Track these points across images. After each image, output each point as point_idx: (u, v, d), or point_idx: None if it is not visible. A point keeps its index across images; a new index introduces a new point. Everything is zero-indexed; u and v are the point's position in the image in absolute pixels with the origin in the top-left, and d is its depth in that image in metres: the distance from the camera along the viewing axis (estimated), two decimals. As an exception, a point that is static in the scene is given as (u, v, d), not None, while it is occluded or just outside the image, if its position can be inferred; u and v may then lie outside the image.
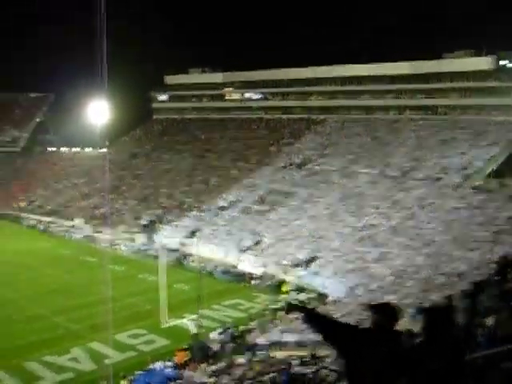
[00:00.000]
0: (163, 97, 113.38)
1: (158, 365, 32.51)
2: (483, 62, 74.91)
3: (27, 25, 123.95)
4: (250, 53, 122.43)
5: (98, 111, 69.87)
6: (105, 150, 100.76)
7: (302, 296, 45.96)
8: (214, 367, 31.02)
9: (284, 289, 48.79)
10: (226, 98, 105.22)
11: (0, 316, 43.64)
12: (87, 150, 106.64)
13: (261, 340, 35.84)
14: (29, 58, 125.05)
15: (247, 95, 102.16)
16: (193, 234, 65.33)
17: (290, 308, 5.59)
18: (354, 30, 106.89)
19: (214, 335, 37.47)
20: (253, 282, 52.05)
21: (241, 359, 31.77)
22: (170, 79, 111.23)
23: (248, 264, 55.30)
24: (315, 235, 57.27)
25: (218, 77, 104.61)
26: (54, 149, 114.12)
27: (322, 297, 45.55)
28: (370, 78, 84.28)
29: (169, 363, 32.68)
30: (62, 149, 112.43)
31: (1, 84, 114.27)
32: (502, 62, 75.62)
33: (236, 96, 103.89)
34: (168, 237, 66.15)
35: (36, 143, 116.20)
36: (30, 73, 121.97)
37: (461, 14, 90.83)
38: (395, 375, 4.68)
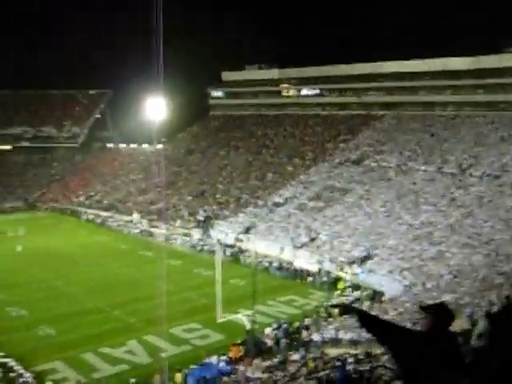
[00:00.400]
0: (220, 93, 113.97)
1: (213, 359, 32.62)
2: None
3: (87, 23, 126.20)
4: (306, 49, 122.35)
5: (156, 108, 70.67)
6: (162, 146, 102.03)
7: (357, 294, 45.62)
8: (267, 363, 30.97)
9: (339, 286, 48.47)
10: (282, 94, 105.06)
11: (58, 308, 44.54)
12: (144, 146, 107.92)
13: (315, 337, 35.66)
14: (89, 55, 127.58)
15: (303, 91, 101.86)
16: (248, 229, 65.49)
17: (345, 310, 5.43)
18: (412, 25, 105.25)
19: (268, 331, 37.43)
20: (308, 278, 51.90)
21: (295, 356, 31.64)
22: (227, 76, 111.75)
23: (303, 260, 55.11)
24: (371, 232, 56.75)
25: (274, 73, 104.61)
26: (112, 145, 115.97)
27: (377, 295, 45.11)
28: (428, 74, 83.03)
29: (223, 358, 32.75)
30: (121, 145, 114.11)
31: (62, 82, 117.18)
32: None
33: (292, 92, 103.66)
34: (223, 232, 66.49)
35: (94, 139, 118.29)
36: (90, 70, 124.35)
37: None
38: (454, 378, 4.51)
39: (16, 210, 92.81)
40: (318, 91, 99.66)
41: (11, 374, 31.73)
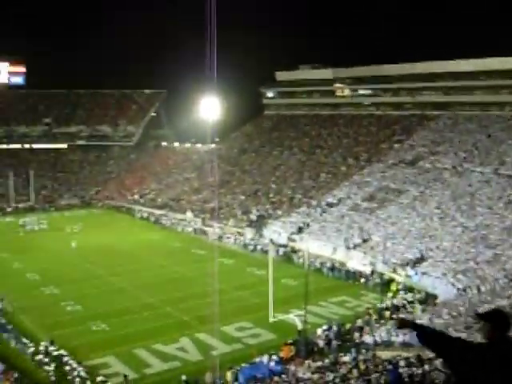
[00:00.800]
0: (273, 93, 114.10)
1: (264, 358, 32.70)
2: None
3: (142, 24, 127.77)
4: (360, 48, 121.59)
5: (210, 107, 71.22)
6: (215, 145, 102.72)
7: (410, 296, 45.14)
8: (318, 364, 30.91)
9: (392, 288, 48.04)
10: (336, 94, 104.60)
11: (112, 304, 45.29)
12: (198, 145, 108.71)
13: (367, 339, 35.46)
14: (144, 55, 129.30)
15: (357, 91, 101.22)
16: (301, 229, 65.44)
17: (402, 324, 5.38)
18: (467, 23, 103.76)
19: (319, 332, 37.36)
20: (360, 279, 51.58)
21: (346, 357, 31.50)
22: (281, 75, 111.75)
23: (356, 261, 54.82)
24: (425, 234, 56.08)
25: (328, 73, 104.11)
26: (166, 143, 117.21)
27: (430, 297, 44.56)
28: (484, 73, 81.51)
29: (274, 357, 32.80)
30: (175, 144, 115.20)
31: (117, 82, 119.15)
32: None
33: (346, 92, 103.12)
34: (276, 232, 66.56)
35: (149, 138, 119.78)
36: (145, 70, 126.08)
37: None
38: None
39: (72, 207, 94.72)
40: (372, 91, 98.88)
41: (65, 368, 32.39)
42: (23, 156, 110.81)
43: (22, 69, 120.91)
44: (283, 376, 29.71)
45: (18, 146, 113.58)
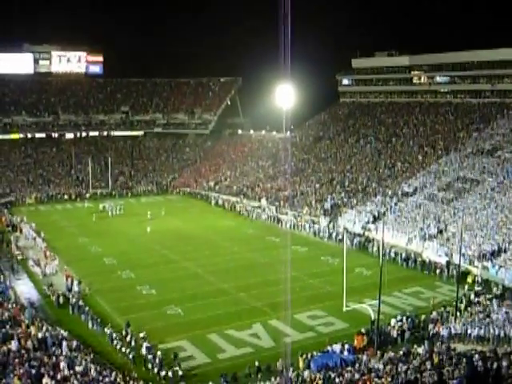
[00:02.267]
0: (349, 80, 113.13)
1: (336, 347, 32.73)
2: None
3: (216, 14, 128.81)
4: (437, 35, 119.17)
5: (285, 95, 71.22)
6: (290, 133, 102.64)
7: (487, 289, 44.32)
8: (391, 354, 30.74)
9: (468, 280, 47.26)
10: (413, 81, 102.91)
11: (186, 289, 46.14)
12: (274, 133, 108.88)
13: (441, 331, 35.03)
14: (219, 43, 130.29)
15: (435, 79, 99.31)
16: (376, 218, 64.94)
17: None
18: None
19: (393, 322, 37.12)
20: (436, 271, 50.88)
21: (419, 349, 31.23)
22: (357, 63, 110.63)
23: (431, 252, 54.10)
24: (503, 226, 54.77)
25: (404, 60, 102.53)
26: (241, 131, 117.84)
27: (508, 291, 43.61)
28: None
29: (346, 346, 32.79)
30: (250, 131, 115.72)
31: (193, 70, 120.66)
32: None
33: (423, 79, 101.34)
34: (351, 221, 66.25)
35: (224, 126, 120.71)
36: (221, 58, 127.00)
37: None
38: None
39: (149, 193, 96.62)
40: (450, 78, 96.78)
41: (141, 350, 33.22)
42: (101, 143, 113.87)
43: (100, 58, 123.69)
44: (356, 366, 29.68)
45: (97, 133, 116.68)
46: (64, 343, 30.86)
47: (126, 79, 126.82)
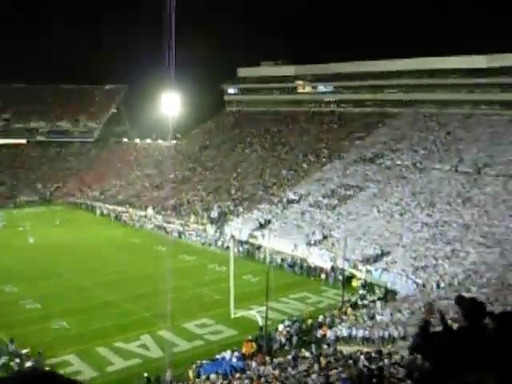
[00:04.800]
0: (235, 89, 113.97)
1: (225, 355, 32.69)
2: None
3: (101, 19, 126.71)
4: (322, 46, 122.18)
5: (171, 103, 70.86)
6: (176, 141, 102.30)
7: (370, 292, 45.57)
8: (280, 359, 31.00)
9: (353, 284, 48.49)
10: (298, 91, 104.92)
11: (72, 302, 44.76)
12: (160, 141, 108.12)
13: (328, 334, 35.65)
14: (104, 51, 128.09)
15: (319, 88, 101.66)
16: (262, 226, 65.52)
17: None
18: (428, 22, 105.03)
19: (281, 327, 37.47)
20: (321, 276, 51.88)
21: (307, 353, 31.62)
22: (243, 72, 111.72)
23: (317, 258, 55.09)
24: (385, 231, 56.61)
25: (290, 70, 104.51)
26: (127, 140, 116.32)
27: (390, 293, 45.08)
28: (444, 72, 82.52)
29: (235, 354, 32.81)
30: (136, 140, 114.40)
31: (77, 77, 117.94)
32: None
33: (308, 89, 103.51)
34: (238, 229, 66.54)
35: (110, 134, 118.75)
36: (106, 66, 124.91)
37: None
38: (484, 372, 4.48)
39: (32, 204, 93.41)
40: (333, 88, 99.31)
41: (26, 364, 31.97)
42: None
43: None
44: (247, 372, 29.70)
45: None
46: None
47: (6, 85, 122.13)
